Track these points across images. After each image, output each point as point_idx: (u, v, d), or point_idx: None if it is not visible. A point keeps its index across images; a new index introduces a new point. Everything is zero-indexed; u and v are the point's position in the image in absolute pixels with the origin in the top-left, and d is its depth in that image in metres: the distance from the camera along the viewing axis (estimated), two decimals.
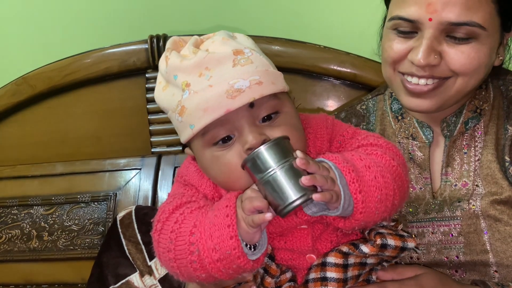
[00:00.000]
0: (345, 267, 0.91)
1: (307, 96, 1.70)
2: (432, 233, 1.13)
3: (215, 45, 0.90)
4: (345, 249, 0.91)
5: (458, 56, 1.04)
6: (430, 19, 1.02)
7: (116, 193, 1.68)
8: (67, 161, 1.76)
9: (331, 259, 0.91)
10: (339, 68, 1.65)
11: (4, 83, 1.81)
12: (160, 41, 1.69)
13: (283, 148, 0.83)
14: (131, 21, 1.85)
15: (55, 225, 1.70)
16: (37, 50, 1.90)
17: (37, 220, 1.71)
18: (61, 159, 1.77)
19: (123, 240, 1.46)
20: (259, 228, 0.83)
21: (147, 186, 1.68)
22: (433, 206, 1.15)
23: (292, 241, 0.93)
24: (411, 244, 0.94)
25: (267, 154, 0.82)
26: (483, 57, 1.05)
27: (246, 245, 0.84)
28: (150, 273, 1.41)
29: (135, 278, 1.42)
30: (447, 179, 1.15)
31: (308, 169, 0.81)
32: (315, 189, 0.82)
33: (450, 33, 1.03)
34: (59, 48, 1.84)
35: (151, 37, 1.69)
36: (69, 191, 1.71)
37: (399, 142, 1.22)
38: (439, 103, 1.09)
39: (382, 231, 0.93)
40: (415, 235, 1.13)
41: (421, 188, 1.18)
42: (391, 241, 0.92)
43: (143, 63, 1.72)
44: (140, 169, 1.70)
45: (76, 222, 1.68)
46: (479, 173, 1.13)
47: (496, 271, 1.07)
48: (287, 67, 1.59)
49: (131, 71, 1.74)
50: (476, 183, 1.12)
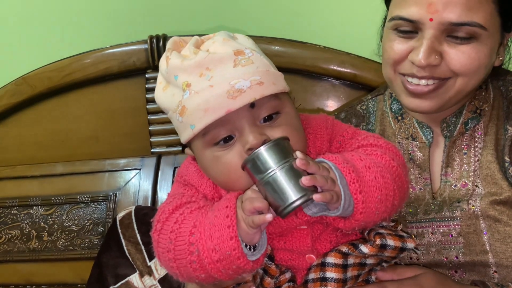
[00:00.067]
0: (344, 267, 0.91)
1: (307, 96, 1.69)
2: (432, 233, 1.13)
3: (216, 45, 0.90)
4: (344, 249, 0.91)
5: (458, 57, 1.04)
6: (431, 19, 1.02)
7: (115, 194, 1.68)
8: (67, 161, 1.76)
9: (330, 259, 0.91)
10: (339, 68, 1.65)
11: (4, 83, 1.80)
12: (160, 41, 1.68)
13: (283, 149, 0.82)
14: (131, 21, 1.85)
15: (55, 226, 1.69)
16: (37, 50, 1.89)
17: (37, 220, 1.71)
18: (61, 160, 1.77)
19: (122, 240, 1.46)
20: (259, 229, 0.83)
21: (147, 186, 1.68)
22: (432, 207, 1.15)
23: (292, 241, 0.93)
24: (410, 244, 0.94)
25: (267, 154, 0.81)
26: (483, 57, 1.05)
27: (246, 245, 0.83)
28: (150, 273, 1.41)
29: (134, 279, 1.42)
30: (447, 180, 1.15)
31: (308, 169, 0.81)
32: (315, 189, 0.82)
33: (451, 33, 1.03)
34: (59, 48, 1.84)
35: (151, 37, 1.69)
36: (69, 192, 1.71)
37: (399, 142, 1.22)
38: (440, 103, 1.09)
39: (381, 231, 0.93)
40: (414, 236, 1.14)
41: (420, 189, 1.18)
42: (390, 242, 0.92)
43: (143, 63, 1.72)
44: (140, 169, 1.70)
45: (76, 222, 1.68)
46: (478, 173, 1.13)
47: (496, 272, 1.07)
48: (287, 67, 1.59)
49: (131, 71, 1.74)
50: (475, 183, 1.12)
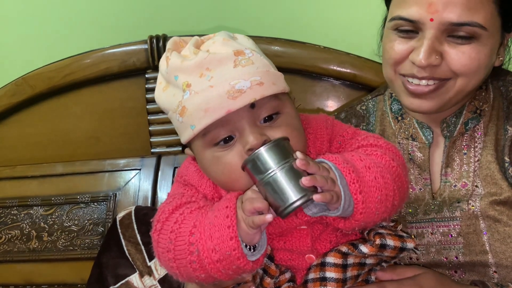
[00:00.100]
0: (344, 267, 0.91)
1: (307, 96, 1.69)
2: (432, 233, 1.13)
3: (216, 45, 0.90)
4: (344, 249, 0.91)
5: (458, 57, 1.04)
6: (432, 19, 1.02)
7: (115, 194, 1.68)
8: (67, 161, 1.76)
9: (330, 259, 0.91)
10: (339, 69, 1.65)
11: (4, 83, 1.80)
12: (160, 41, 1.68)
13: (283, 149, 0.82)
14: (131, 21, 1.85)
15: (55, 226, 1.69)
16: (37, 50, 1.90)
17: (37, 220, 1.71)
18: (61, 160, 1.77)
19: (122, 240, 1.46)
20: (259, 229, 0.83)
21: (146, 186, 1.68)
22: (432, 207, 1.15)
23: (292, 241, 0.93)
24: (410, 244, 0.94)
25: (267, 155, 0.81)
26: (483, 57, 1.05)
27: (246, 246, 0.83)
28: (150, 273, 1.41)
29: (134, 279, 1.41)
30: (447, 180, 1.15)
31: (308, 169, 0.81)
32: (315, 189, 0.82)
33: (451, 34, 1.03)
34: (59, 48, 1.84)
35: (151, 38, 1.69)
36: (69, 192, 1.71)
37: (399, 142, 1.22)
38: (440, 103, 1.09)
39: (381, 231, 0.93)
40: (414, 236, 1.14)
41: (420, 189, 1.18)
42: (390, 242, 0.92)
43: (143, 63, 1.72)
44: (140, 169, 1.70)
45: (76, 222, 1.68)
46: (478, 173, 1.13)
47: (496, 272, 1.07)
48: (287, 68, 1.59)
49: (131, 72, 1.74)
50: (475, 183, 1.12)
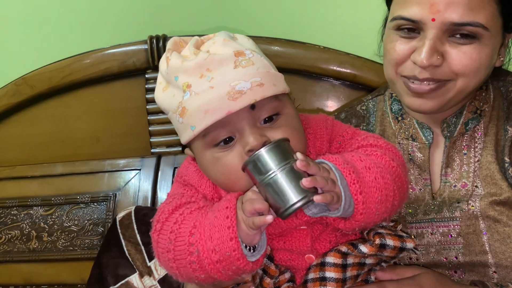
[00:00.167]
0: (344, 267, 0.91)
1: (307, 96, 1.69)
2: (431, 234, 1.13)
3: (216, 46, 0.90)
4: (344, 249, 0.91)
5: (460, 57, 1.04)
6: (433, 19, 1.02)
7: (115, 194, 1.68)
8: (67, 161, 1.76)
9: (330, 259, 0.91)
10: (338, 69, 1.65)
11: (4, 84, 1.80)
12: (159, 41, 1.68)
13: (283, 150, 0.82)
14: (131, 21, 1.85)
15: (55, 226, 1.69)
16: (37, 50, 1.89)
17: (37, 220, 1.71)
18: (61, 160, 1.77)
19: (122, 240, 1.46)
20: (259, 230, 0.83)
21: (146, 186, 1.68)
22: (432, 207, 1.15)
23: (291, 241, 0.93)
24: (410, 244, 0.94)
25: (267, 156, 0.81)
26: (484, 58, 1.05)
27: (246, 246, 0.83)
28: (150, 273, 1.41)
29: (134, 279, 1.41)
30: (447, 180, 1.15)
31: (308, 170, 0.81)
32: (315, 190, 0.81)
33: (453, 34, 1.03)
34: (59, 48, 1.84)
35: (151, 38, 1.69)
36: (69, 192, 1.71)
37: (399, 143, 1.22)
38: (441, 103, 1.09)
39: (381, 231, 0.93)
40: (414, 236, 1.14)
41: (420, 189, 1.18)
42: (390, 242, 0.92)
43: (143, 63, 1.72)
44: (140, 169, 1.70)
45: (76, 222, 1.68)
46: (478, 174, 1.13)
47: (495, 272, 1.07)
48: (286, 68, 1.59)
49: (130, 72, 1.74)
50: (475, 184, 1.12)
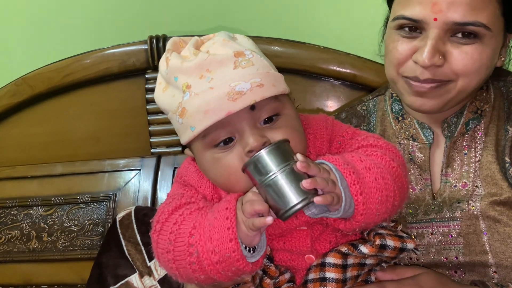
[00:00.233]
0: (344, 267, 0.91)
1: (307, 96, 1.69)
2: (432, 234, 1.13)
3: (216, 46, 0.90)
4: (344, 249, 0.91)
5: (461, 57, 1.03)
6: (435, 19, 1.01)
7: (115, 194, 1.68)
8: (67, 161, 1.76)
9: (330, 259, 0.91)
10: (338, 69, 1.65)
11: (4, 84, 1.80)
12: (159, 41, 1.68)
13: (283, 152, 0.82)
14: (130, 22, 1.85)
15: (55, 226, 1.69)
16: (37, 50, 1.90)
17: (37, 220, 1.71)
18: (61, 160, 1.77)
19: (122, 240, 1.46)
20: (259, 231, 0.83)
21: (146, 186, 1.68)
22: (432, 207, 1.14)
23: (291, 242, 0.93)
24: (410, 245, 0.94)
25: (267, 158, 0.81)
26: (485, 58, 1.05)
27: (245, 247, 0.83)
28: (150, 273, 1.41)
29: (134, 279, 1.42)
30: (447, 180, 1.15)
31: (308, 172, 0.81)
32: (316, 191, 0.81)
33: (455, 33, 1.03)
34: (59, 48, 1.84)
35: (151, 38, 1.69)
36: (69, 192, 1.71)
37: (400, 143, 1.21)
38: (442, 103, 1.09)
39: (381, 231, 0.93)
40: (414, 236, 1.14)
41: (421, 189, 1.18)
42: (390, 242, 0.92)
43: (143, 63, 1.72)
44: (140, 169, 1.70)
45: (76, 222, 1.68)
46: (479, 174, 1.12)
47: (496, 272, 1.07)
48: (286, 68, 1.59)
49: (130, 72, 1.74)
50: (475, 184, 1.12)
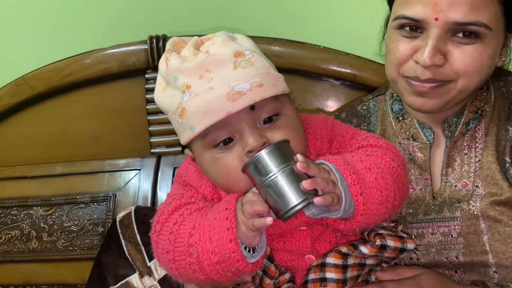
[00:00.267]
0: (344, 267, 0.91)
1: (307, 96, 1.69)
2: (432, 234, 1.13)
3: (216, 46, 0.89)
4: (344, 249, 0.91)
5: (462, 57, 1.03)
6: (436, 18, 1.01)
7: (115, 194, 1.68)
8: (67, 161, 1.76)
9: (330, 259, 0.91)
10: (338, 69, 1.65)
11: (3, 84, 1.80)
12: (159, 41, 1.68)
13: (283, 152, 0.82)
14: (130, 22, 1.85)
15: (55, 226, 1.69)
16: (36, 50, 1.90)
17: (37, 220, 1.71)
18: (61, 160, 1.77)
19: (122, 240, 1.46)
20: (259, 231, 0.83)
21: (146, 186, 1.68)
22: (433, 207, 1.14)
23: (291, 242, 0.93)
24: (410, 245, 0.94)
25: (267, 158, 0.81)
26: (486, 58, 1.05)
27: (245, 248, 0.83)
28: (150, 273, 1.41)
29: (134, 279, 1.41)
30: (447, 180, 1.15)
31: (309, 172, 0.81)
32: (316, 192, 0.81)
33: (456, 33, 1.03)
34: (59, 48, 1.84)
35: (151, 38, 1.69)
36: (69, 192, 1.71)
37: (400, 143, 1.21)
38: (442, 103, 1.09)
39: (381, 232, 0.93)
40: (414, 236, 1.14)
41: (421, 189, 1.17)
42: (390, 242, 0.92)
43: (143, 63, 1.72)
44: (140, 169, 1.70)
45: (76, 222, 1.68)
46: (479, 174, 1.12)
47: (496, 272, 1.07)
48: (286, 68, 1.59)
49: (130, 72, 1.74)
50: (476, 184, 1.12)
